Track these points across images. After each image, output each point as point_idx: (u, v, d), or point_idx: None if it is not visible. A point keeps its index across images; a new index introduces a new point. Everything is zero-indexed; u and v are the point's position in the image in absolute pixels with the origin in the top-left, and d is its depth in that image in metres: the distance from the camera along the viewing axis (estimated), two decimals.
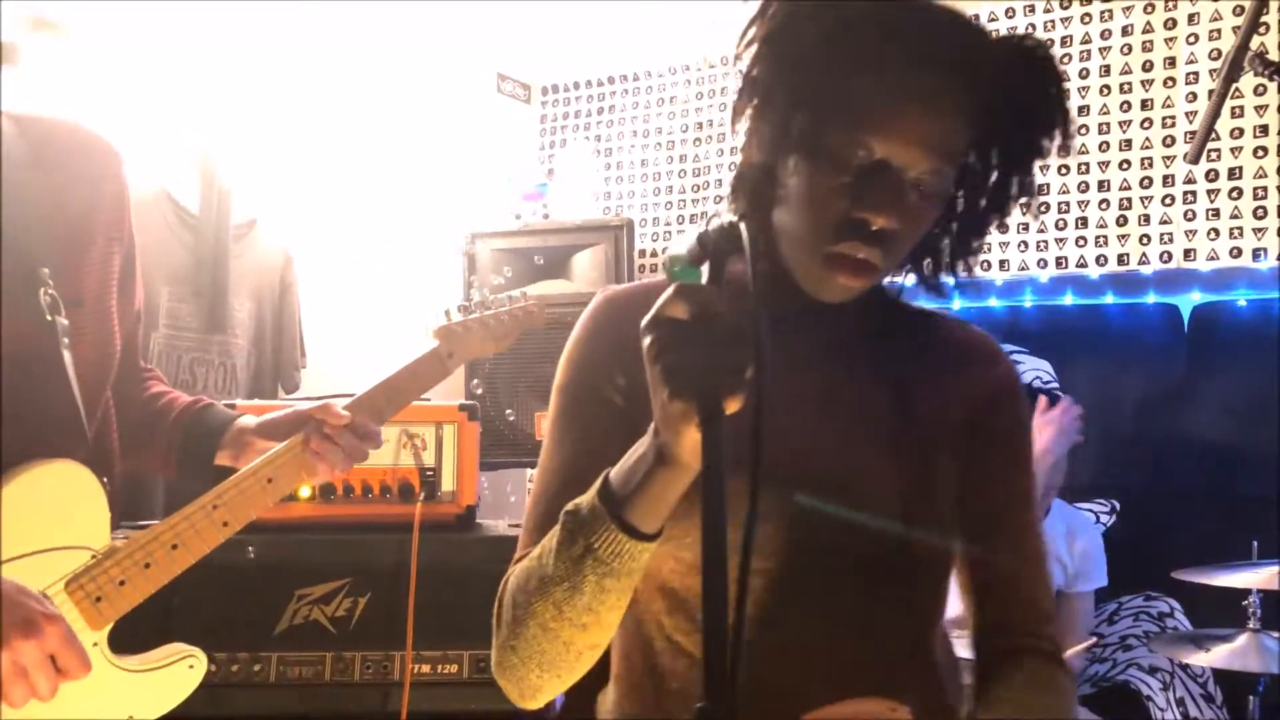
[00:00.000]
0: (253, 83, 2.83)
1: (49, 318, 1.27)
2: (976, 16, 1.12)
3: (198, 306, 2.56)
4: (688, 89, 3.63)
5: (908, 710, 1.02)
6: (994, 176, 1.09)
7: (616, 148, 3.78)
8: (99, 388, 1.38)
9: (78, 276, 1.34)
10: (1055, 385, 3.15)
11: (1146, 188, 3.06)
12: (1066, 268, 3.16)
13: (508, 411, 3.10)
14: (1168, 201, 3.01)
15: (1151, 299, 3.12)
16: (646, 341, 0.85)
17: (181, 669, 1.36)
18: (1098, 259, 3.13)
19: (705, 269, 0.86)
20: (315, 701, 2.14)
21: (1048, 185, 3.20)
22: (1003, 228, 1.19)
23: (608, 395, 1.10)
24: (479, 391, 3.08)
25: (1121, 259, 3.09)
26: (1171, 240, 3.01)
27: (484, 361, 3.10)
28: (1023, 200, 1.10)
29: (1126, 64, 3.09)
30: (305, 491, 1.91)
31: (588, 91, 3.88)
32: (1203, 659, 2.40)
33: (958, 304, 3.27)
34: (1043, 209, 3.16)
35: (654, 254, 3.65)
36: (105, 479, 1.35)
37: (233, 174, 2.63)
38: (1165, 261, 3.01)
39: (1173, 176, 3.01)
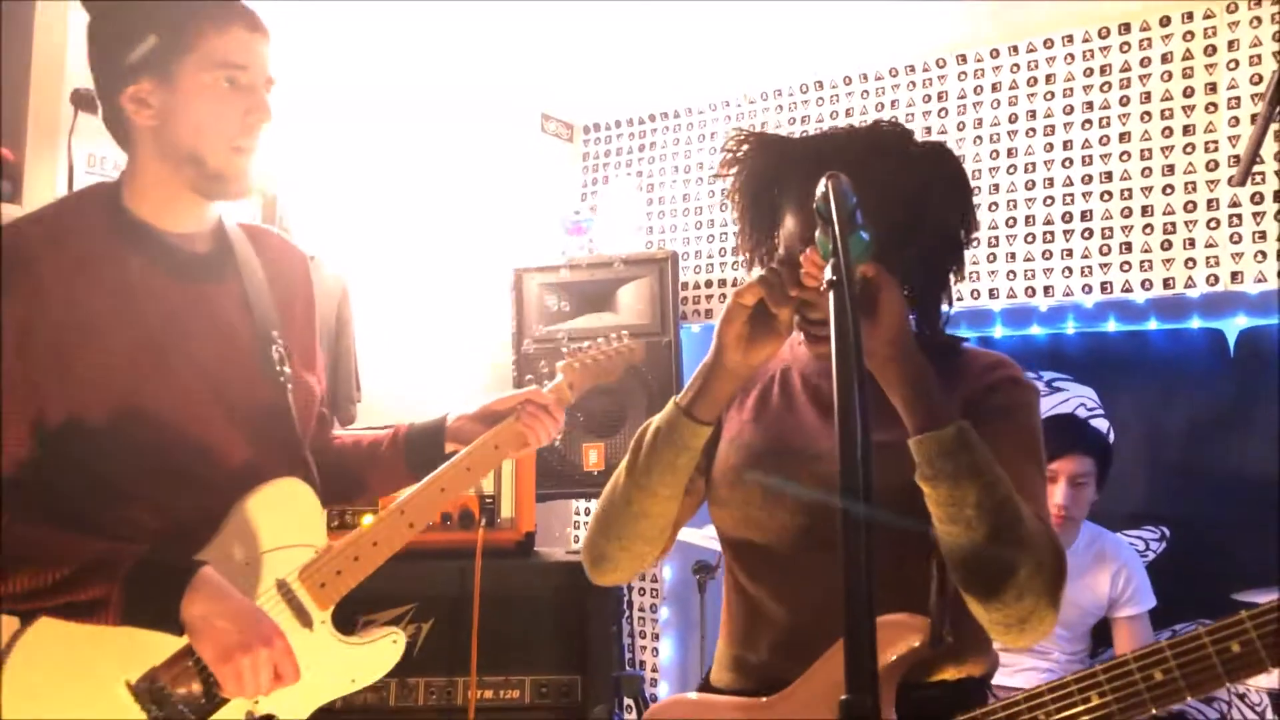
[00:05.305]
0: (309, 125, 2.91)
1: (278, 368, 1.60)
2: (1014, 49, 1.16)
3: None
4: (728, 124, 3.68)
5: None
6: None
7: (659, 183, 3.84)
8: (305, 427, 1.69)
9: (288, 338, 1.66)
10: (1100, 412, 3.14)
11: (1191, 211, 3.07)
12: (1111, 293, 3.17)
13: (557, 442, 3.13)
14: (1213, 225, 3.02)
15: (1196, 324, 3.11)
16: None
17: (387, 644, 1.64)
18: (1143, 283, 3.13)
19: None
20: None
21: (1091, 211, 3.21)
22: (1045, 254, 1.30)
23: None
24: None
25: (1167, 283, 3.09)
26: (1218, 263, 3.01)
27: None
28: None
29: (1167, 90, 3.12)
30: (368, 519, 2.04)
31: (629, 129, 3.95)
32: (1264, 680, 2.39)
33: (999, 331, 3.29)
34: (1085, 235, 3.17)
35: (697, 286, 3.70)
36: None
37: (292, 213, 2.71)
38: (1212, 284, 3.02)
39: (1217, 200, 3.02)
